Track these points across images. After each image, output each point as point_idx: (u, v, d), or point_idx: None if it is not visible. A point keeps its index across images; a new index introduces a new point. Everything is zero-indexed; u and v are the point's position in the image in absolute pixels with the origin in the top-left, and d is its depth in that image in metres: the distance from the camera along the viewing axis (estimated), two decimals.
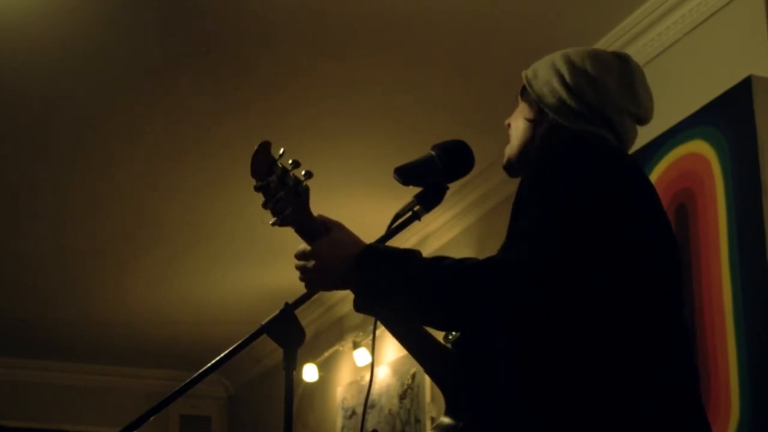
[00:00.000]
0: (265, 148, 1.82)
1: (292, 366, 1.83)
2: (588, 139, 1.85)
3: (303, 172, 1.83)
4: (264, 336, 1.85)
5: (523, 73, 2.03)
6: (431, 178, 1.94)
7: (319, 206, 1.88)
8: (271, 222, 1.84)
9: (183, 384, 1.86)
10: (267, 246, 5.92)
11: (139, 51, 4.24)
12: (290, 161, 1.82)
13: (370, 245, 1.81)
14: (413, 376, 5.77)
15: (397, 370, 5.96)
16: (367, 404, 3.16)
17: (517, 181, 1.85)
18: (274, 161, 1.81)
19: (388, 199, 2.15)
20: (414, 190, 1.95)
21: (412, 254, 1.77)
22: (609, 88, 1.94)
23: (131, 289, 6.83)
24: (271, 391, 7.61)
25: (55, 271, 6.51)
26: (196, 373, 1.87)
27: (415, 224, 1.96)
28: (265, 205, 1.83)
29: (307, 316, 6.62)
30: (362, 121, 4.75)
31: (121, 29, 4.08)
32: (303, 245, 1.85)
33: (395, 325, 2.02)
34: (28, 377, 8.40)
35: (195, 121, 4.77)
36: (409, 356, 2.07)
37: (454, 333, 2.00)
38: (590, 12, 3.92)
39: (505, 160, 2.04)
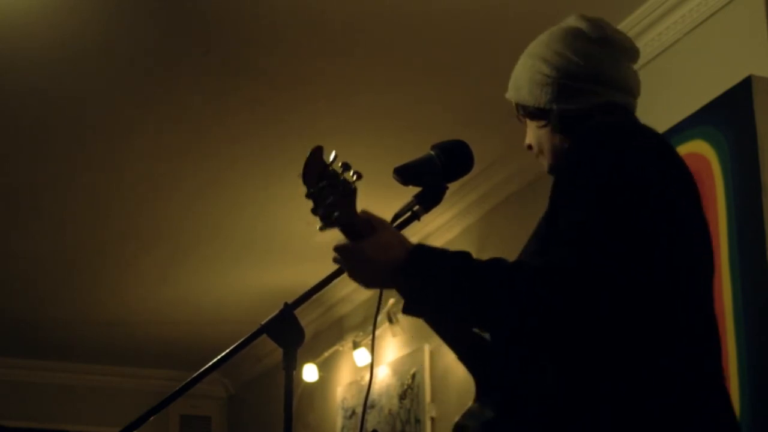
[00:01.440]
0: (317, 153, 1.76)
1: (292, 366, 1.83)
2: (614, 126, 1.84)
3: (353, 174, 1.79)
4: (264, 336, 1.85)
5: (507, 97, 2.04)
6: (431, 178, 1.93)
7: None
8: (318, 226, 1.78)
9: (183, 384, 1.86)
10: (267, 246, 5.91)
11: (139, 51, 4.24)
12: (340, 164, 1.77)
13: (418, 246, 1.75)
14: (413, 376, 5.77)
15: (397, 370, 5.95)
16: (367, 404, 3.16)
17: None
18: (325, 166, 1.76)
19: (388, 199, 2.14)
20: (413, 190, 1.95)
21: (463, 256, 1.72)
22: (590, 54, 2.02)
23: (131, 289, 6.83)
24: (271, 391, 7.61)
25: (55, 271, 6.51)
26: (196, 373, 1.87)
27: (415, 224, 1.96)
28: (314, 211, 1.76)
29: (307, 316, 6.62)
30: (362, 121, 4.74)
31: (121, 29, 4.08)
32: (344, 241, 1.79)
33: (439, 322, 1.99)
34: (28, 377, 8.39)
35: (195, 121, 4.76)
36: (410, 356, 2.07)
37: None
38: (590, 12, 3.85)
39: (547, 168, 2.02)
